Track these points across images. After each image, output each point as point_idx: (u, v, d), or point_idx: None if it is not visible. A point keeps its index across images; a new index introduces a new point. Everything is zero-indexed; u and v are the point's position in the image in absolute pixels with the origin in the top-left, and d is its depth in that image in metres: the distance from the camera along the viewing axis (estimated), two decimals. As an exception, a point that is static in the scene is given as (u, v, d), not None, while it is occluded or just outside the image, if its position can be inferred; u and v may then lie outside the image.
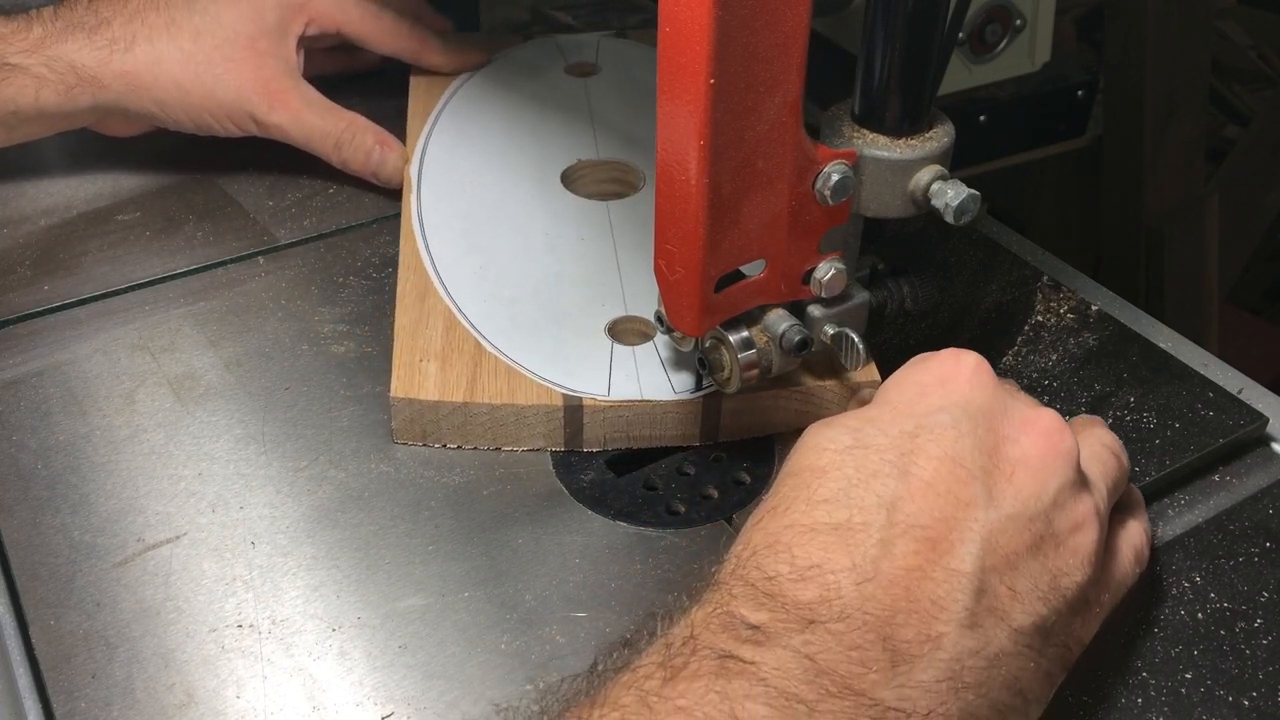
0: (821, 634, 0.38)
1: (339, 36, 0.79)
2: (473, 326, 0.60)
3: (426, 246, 0.66)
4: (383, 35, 0.80)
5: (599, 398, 0.57)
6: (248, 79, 0.72)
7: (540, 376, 0.58)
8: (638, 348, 0.60)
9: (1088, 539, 0.44)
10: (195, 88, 0.72)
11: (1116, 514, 0.49)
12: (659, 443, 0.58)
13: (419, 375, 0.57)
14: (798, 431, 0.59)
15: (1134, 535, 0.49)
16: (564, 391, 0.57)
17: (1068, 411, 0.61)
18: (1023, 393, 0.50)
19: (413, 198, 0.70)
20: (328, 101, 0.76)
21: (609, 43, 0.88)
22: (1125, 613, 0.51)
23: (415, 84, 0.81)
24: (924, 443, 0.43)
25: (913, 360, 0.49)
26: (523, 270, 0.65)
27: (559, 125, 0.78)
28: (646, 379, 0.58)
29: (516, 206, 0.70)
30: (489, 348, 0.59)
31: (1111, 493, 0.48)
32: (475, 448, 0.58)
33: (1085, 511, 0.44)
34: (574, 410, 0.56)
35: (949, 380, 0.46)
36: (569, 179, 0.73)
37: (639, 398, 0.57)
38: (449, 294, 0.62)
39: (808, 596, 0.39)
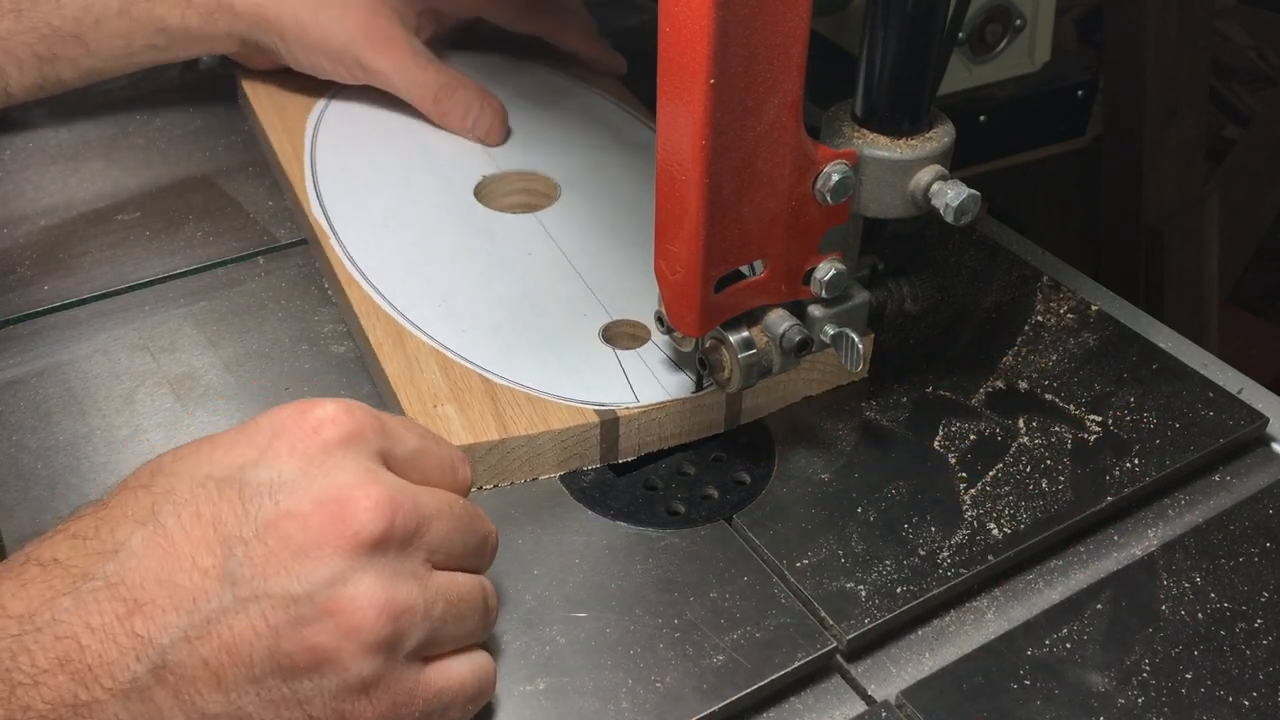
0: None
1: (475, 15, 0.83)
2: (468, 361, 0.58)
3: (378, 291, 0.62)
4: (521, 14, 0.82)
5: (630, 406, 0.56)
6: (360, 24, 0.75)
7: (563, 397, 0.56)
8: (641, 349, 0.60)
9: None
10: (312, 26, 0.75)
11: None
12: (688, 438, 0.58)
13: (440, 422, 0.55)
14: (803, 418, 0.59)
15: None
16: (594, 407, 0.56)
17: (1067, 411, 0.61)
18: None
19: (334, 245, 0.66)
20: (434, 58, 0.77)
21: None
22: (1126, 612, 0.51)
23: (269, 124, 0.77)
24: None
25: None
26: (488, 295, 0.63)
27: (443, 145, 0.76)
28: (665, 378, 0.58)
29: (448, 233, 0.68)
30: (496, 379, 0.57)
31: None
32: (511, 483, 0.56)
33: None
34: (609, 424, 0.56)
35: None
36: (481, 198, 0.71)
37: (667, 398, 0.57)
38: (425, 333, 0.60)
39: None
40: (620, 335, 0.61)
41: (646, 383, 0.57)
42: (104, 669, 0.38)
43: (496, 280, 0.64)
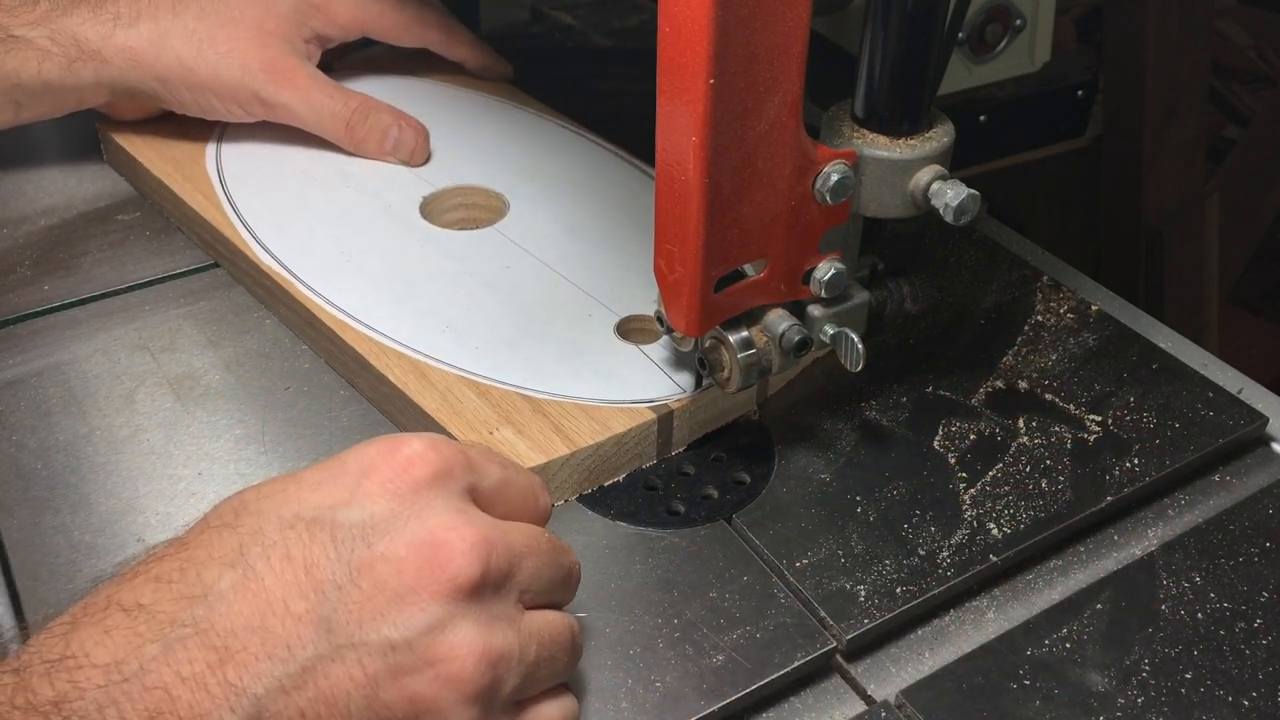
0: None
1: (361, 35, 0.78)
2: (501, 382, 0.57)
3: (375, 330, 0.60)
4: (408, 29, 0.78)
5: (680, 397, 0.56)
6: (253, 57, 0.70)
7: (613, 400, 0.56)
8: (662, 342, 0.60)
9: None
10: (199, 65, 0.69)
11: None
12: (725, 420, 0.59)
13: (505, 447, 0.53)
14: (803, 418, 0.59)
15: None
16: (647, 405, 0.56)
17: (1067, 411, 0.61)
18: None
19: (305, 290, 0.62)
20: (337, 83, 0.73)
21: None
22: (1126, 612, 0.51)
23: (165, 174, 0.71)
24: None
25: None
26: (486, 315, 0.61)
27: (364, 171, 0.72)
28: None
29: (416, 260, 0.65)
30: (538, 395, 0.56)
31: None
32: (579, 496, 0.56)
33: None
34: (665, 419, 0.56)
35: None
36: (426, 219, 0.69)
37: (706, 383, 0.57)
38: (445, 363, 0.58)
39: None
40: (634, 331, 0.61)
41: (684, 373, 0.58)
42: None
43: (486, 299, 0.63)
